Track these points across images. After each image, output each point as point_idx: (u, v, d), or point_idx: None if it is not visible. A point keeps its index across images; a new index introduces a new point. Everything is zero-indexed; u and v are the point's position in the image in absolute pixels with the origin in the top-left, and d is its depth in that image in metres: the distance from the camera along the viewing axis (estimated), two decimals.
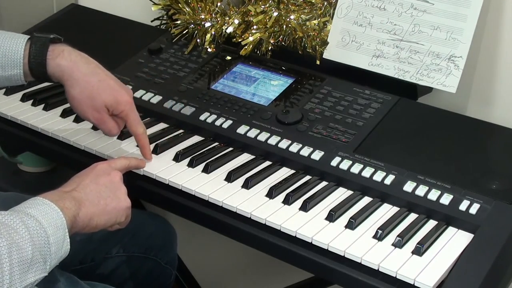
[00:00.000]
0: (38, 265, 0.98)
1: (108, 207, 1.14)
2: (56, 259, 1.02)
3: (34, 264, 0.97)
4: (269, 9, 1.58)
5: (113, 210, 1.15)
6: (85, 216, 1.10)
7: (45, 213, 1.01)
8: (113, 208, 1.15)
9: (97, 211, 1.12)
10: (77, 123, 1.49)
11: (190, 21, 1.67)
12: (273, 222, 1.21)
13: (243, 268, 2.19)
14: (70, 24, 1.86)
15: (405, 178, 1.28)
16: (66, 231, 1.03)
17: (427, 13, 1.47)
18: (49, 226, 1.00)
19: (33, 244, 0.97)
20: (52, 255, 1.00)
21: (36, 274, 0.98)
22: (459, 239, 1.19)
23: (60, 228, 1.02)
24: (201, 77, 1.61)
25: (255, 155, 1.40)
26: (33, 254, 0.97)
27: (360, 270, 1.13)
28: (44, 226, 0.99)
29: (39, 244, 0.98)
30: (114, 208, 1.15)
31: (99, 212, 1.13)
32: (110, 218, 1.15)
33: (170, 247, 1.61)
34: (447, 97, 1.51)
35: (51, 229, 1.00)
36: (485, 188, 1.24)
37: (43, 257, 0.99)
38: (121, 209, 1.17)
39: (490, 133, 1.40)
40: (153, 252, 1.55)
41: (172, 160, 1.38)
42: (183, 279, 1.90)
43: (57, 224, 1.02)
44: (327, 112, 1.45)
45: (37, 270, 0.98)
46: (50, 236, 1.00)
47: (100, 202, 1.13)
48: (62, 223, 1.03)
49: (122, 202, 1.17)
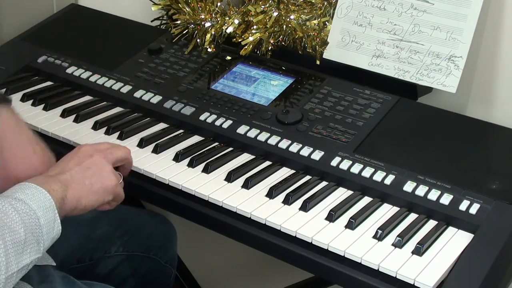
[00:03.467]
0: (32, 246, 1.00)
1: (94, 186, 1.15)
2: (48, 240, 1.04)
3: (28, 245, 0.99)
4: (269, 9, 1.59)
5: (99, 190, 1.16)
6: (73, 197, 1.11)
7: (32, 195, 1.02)
8: (100, 188, 1.16)
9: (84, 191, 1.13)
10: (77, 123, 1.50)
11: (190, 21, 1.67)
12: (273, 222, 1.21)
13: (243, 268, 2.19)
14: (70, 24, 1.86)
15: (405, 178, 1.28)
16: (55, 212, 1.04)
17: (427, 13, 1.47)
18: (38, 208, 1.01)
19: (24, 226, 0.99)
20: (44, 236, 1.02)
21: (31, 255, 1.00)
22: (459, 239, 1.19)
23: (50, 210, 1.03)
24: (201, 77, 1.61)
25: (255, 155, 1.40)
26: (26, 236, 0.98)
27: (360, 270, 1.13)
28: (34, 208, 1.01)
29: (31, 226, 1.00)
30: (100, 187, 1.16)
31: (86, 192, 1.13)
32: (98, 198, 1.16)
33: (170, 246, 1.61)
34: (447, 97, 1.51)
35: (40, 211, 1.02)
36: (485, 188, 1.24)
37: (36, 239, 1.00)
38: (107, 187, 1.17)
39: (490, 133, 1.40)
40: (153, 251, 1.55)
41: (172, 160, 1.38)
42: (183, 279, 1.90)
43: (46, 205, 1.03)
44: (327, 112, 1.45)
45: (31, 251, 1.00)
46: (41, 217, 1.01)
47: (85, 183, 1.14)
48: (51, 205, 1.04)
49: (107, 181, 1.17)
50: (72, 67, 1.67)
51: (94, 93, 1.61)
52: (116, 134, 1.46)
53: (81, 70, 1.66)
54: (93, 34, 1.81)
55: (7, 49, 1.79)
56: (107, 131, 1.46)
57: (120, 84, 1.60)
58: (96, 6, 1.91)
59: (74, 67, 1.67)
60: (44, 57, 1.72)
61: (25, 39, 1.80)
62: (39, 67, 1.70)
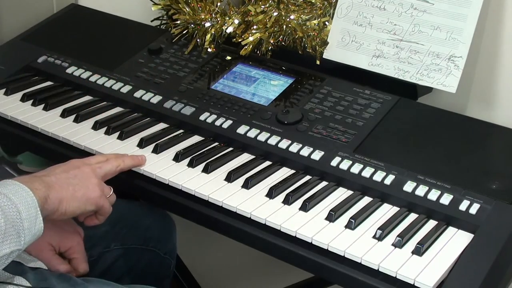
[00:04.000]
0: (12, 238, 1.01)
1: (77, 193, 1.16)
2: (30, 235, 1.05)
3: (7, 236, 1.00)
4: (269, 9, 1.58)
5: (82, 197, 1.17)
6: (55, 198, 1.12)
7: (15, 191, 1.04)
8: (82, 195, 1.17)
9: (67, 195, 1.15)
10: (77, 123, 1.50)
11: (190, 21, 1.67)
12: (273, 222, 1.21)
13: (243, 268, 2.19)
14: (70, 24, 1.86)
15: (405, 178, 1.28)
16: (38, 209, 1.06)
17: (427, 13, 1.47)
18: (20, 203, 1.03)
19: (5, 217, 1.00)
20: (25, 230, 1.03)
21: (11, 246, 1.01)
22: (459, 239, 1.19)
23: (32, 206, 1.05)
24: (201, 77, 1.61)
25: (255, 155, 1.40)
26: (6, 227, 1.00)
27: (360, 270, 1.13)
28: (15, 202, 1.03)
29: (11, 218, 1.01)
30: (83, 195, 1.17)
31: (68, 197, 1.15)
32: (79, 206, 1.17)
33: (169, 237, 1.60)
34: (447, 97, 1.51)
35: (22, 205, 1.03)
36: (485, 188, 1.24)
37: (17, 231, 1.02)
38: (90, 197, 1.19)
39: (490, 133, 1.40)
40: (151, 243, 1.55)
41: (172, 160, 1.38)
42: (183, 279, 1.90)
43: (28, 202, 1.05)
44: (327, 112, 1.45)
45: (11, 242, 1.01)
46: (22, 212, 1.03)
47: (69, 188, 1.16)
48: (33, 201, 1.06)
49: (91, 191, 1.19)
50: (72, 67, 1.67)
51: (94, 93, 1.61)
52: (116, 134, 1.46)
53: (81, 70, 1.66)
54: (93, 34, 1.81)
55: (7, 49, 1.79)
56: (107, 131, 1.46)
57: (120, 84, 1.60)
58: (96, 6, 1.91)
59: (74, 67, 1.67)
60: (44, 57, 1.72)
61: (25, 39, 1.80)
62: (39, 67, 1.70)
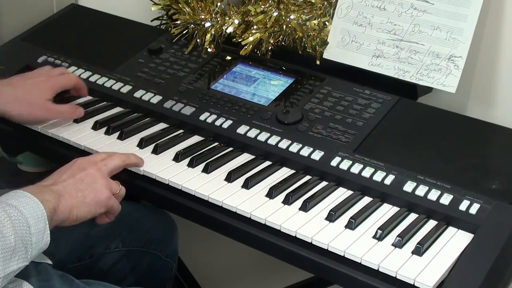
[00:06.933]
0: (20, 254, 1.01)
1: (87, 199, 1.17)
2: (36, 250, 1.05)
3: (16, 252, 1.00)
4: (269, 9, 1.58)
5: (91, 202, 1.18)
6: (65, 208, 1.13)
7: (26, 204, 1.04)
8: (92, 200, 1.18)
9: (76, 203, 1.15)
10: (77, 123, 1.50)
11: (190, 21, 1.67)
12: (273, 222, 1.21)
13: (243, 268, 2.19)
14: (70, 24, 1.86)
15: (405, 178, 1.28)
16: (46, 223, 1.06)
17: (427, 13, 1.47)
18: (30, 217, 1.03)
19: (15, 233, 1.00)
20: (33, 245, 1.03)
21: (19, 262, 1.01)
22: (459, 239, 1.19)
23: (41, 220, 1.05)
24: (201, 77, 1.61)
25: (255, 155, 1.40)
26: (16, 243, 0.99)
27: (360, 270, 1.13)
28: (26, 216, 1.02)
29: (21, 233, 1.01)
30: (92, 199, 1.18)
31: (78, 204, 1.16)
32: (90, 210, 1.18)
33: (171, 240, 1.60)
34: (447, 97, 1.51)
35: (32, 219, 1.03)
36: (485, 188, 1.24)
37: (25, 246, 1.02)
38: (99, 200, 1.20)
39: (490, 133, 1.40)
40: (153, 245, 1.55)
41: (172, 160, 1.38)
42: (183, 279, 1.90)
43: (38, 215, 1.05)
44: (327, 112, 1.45)
45: (19, 259, 1.01)
46: (32, 226, 1.03)
47: (78, 195, 1.16)
48: (42, 215, 1.06)
49: (99, 194, 1.20)
50: (72, 67, 1.67)
51: (94, 93, 1.61)
52: (116, 134, 1.46)
53: (81, 70, 1.66)
54: (93, 34, 1.81)
55: (7, 49, 1.79)
56: (107, 131, 1.46)
57: (120, 84, 1.60)
58: (96, 6, 1.91)
59: (74, 67, 1.67)
60: (44, 57, 1.72)
61: (25, 39, 1.80)
62: (39, 67, 1.69)
